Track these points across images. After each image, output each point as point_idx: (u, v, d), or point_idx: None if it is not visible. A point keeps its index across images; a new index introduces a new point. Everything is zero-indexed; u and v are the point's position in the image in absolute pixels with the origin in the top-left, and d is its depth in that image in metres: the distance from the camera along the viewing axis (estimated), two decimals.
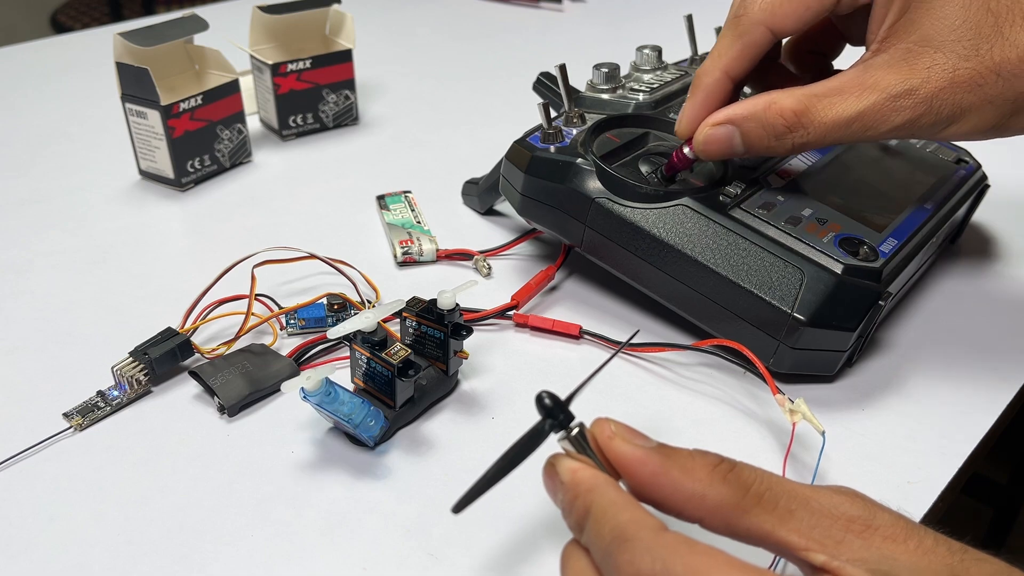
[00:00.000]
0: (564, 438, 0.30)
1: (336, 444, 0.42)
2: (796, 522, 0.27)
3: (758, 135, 0.41)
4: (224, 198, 0.64)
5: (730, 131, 0.42)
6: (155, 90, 0.60)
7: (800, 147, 0.41)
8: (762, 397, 0.44)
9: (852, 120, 0.39)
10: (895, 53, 0.39)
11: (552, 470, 0.30)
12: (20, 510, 0.38)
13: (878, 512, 0.27)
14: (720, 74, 0.43)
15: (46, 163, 0.69)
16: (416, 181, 0.66)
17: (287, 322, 0.49)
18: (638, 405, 0.44)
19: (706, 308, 0.45)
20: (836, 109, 0.39)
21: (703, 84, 0.44)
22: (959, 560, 0.26)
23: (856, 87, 0.39)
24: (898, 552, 0.26)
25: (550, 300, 0.52)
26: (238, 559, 0.36)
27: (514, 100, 0.80)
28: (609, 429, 0.29)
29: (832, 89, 0.40)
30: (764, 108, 0.41)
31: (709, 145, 0.43)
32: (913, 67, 0.39)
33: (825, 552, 0.26)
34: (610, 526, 0.27)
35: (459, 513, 0.29)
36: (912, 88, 0.38)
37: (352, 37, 0.72)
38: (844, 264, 0.43)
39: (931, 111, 0.39)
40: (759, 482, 0.27)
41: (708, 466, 0.28)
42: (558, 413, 0.29)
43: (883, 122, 0.39)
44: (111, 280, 0.54)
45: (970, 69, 0.38)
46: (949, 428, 0.43)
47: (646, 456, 0.28)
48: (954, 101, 0.38)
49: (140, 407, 0.44)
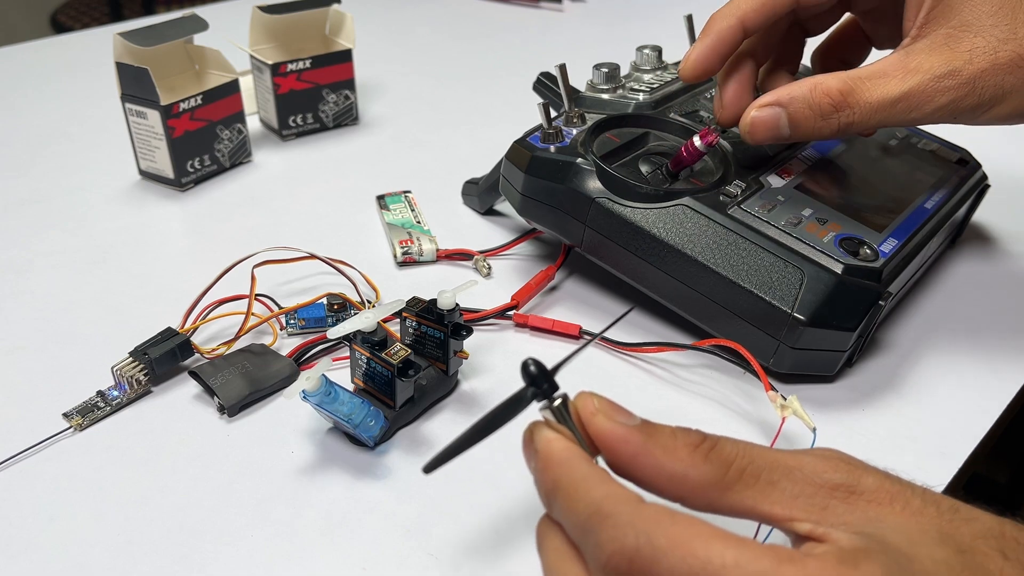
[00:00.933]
0: (546, 407, 0.29)
1: (336, 444, 0.42)
2: (779, 493, 0.27)
3: (805, 115, 0.42)
4: (224, 198, 0.64)
5: (777, 113, 0.42)
6: (155, 90, 0.60)
7: (846, 128, 0.41)
8: (760, 398, 0.44)
9: (897, 100, 0.40)
10: (936, 38, 0.40)
11: (529, 436, 0.29)
12: (20, 510, 0.38)
13: (863, 475, 0.27)
14: (735, 21, 0.43)
15: (46, 163, 0.69)
16: (416, 181, 0.66)
17: (287, 322, 0.49)
18: (637, 405, 0.44)
19: (706, 308, 0.45)
20: (882, 90, 0.40)
21: (716, 28, 0.43)
22: (948, 520, 0.26)
23: (900, 70, 0.40)
24: (884, 514, 0.26)
25: (550, 300, 0.52)
26: (238, 559, 0.36)
27: (514, 100, 0.80)
28: (592, 405, 0.29)
29: (876, 72, 0.41)
30: (810, 89, 0.41)
31: (756, 128, 0.43)
32: (955, 50, 0.40)
33: (810, 520, 0.26)
34: (584, 502, 0.26)
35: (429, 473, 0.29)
36: (956, 69, 0.39)
37: (352, 37, 0.72)
38: (844, 264, 0.43)
39: (974, 92, 0.39)
40: (740, 456, 0.27)
41: (690, 445, 0.27)
42: (542, 381, 0.29)
43: (927, 103, 0.40)
44: (111, 280, 0.54)
45: (1010, 51, 0.39)
46: (949, 428, 0.43)
47: (628, 435, 0.28)
48: (996, 83, 0.39)
49: (140, 407, 0.44)
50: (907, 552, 0.25)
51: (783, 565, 0.24)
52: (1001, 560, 0.25)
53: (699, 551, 0.24)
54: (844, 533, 0.25)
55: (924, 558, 0.25)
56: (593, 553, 0.26)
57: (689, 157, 0.46)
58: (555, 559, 0.28)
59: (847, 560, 0.24)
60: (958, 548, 0.25)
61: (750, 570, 0.24)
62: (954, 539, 0.25)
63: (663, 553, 0.24)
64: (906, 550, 0.25)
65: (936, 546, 0.25)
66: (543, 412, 0.29)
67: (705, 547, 0.24)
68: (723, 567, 0.24)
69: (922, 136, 0.57)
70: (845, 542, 0.25)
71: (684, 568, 0.24)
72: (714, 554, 0.24)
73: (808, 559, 0.24)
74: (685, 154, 0.46)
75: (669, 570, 0.24)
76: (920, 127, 0.58)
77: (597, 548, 0.26)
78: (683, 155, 0.46)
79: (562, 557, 0.27)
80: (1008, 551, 0.25)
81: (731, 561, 0.24)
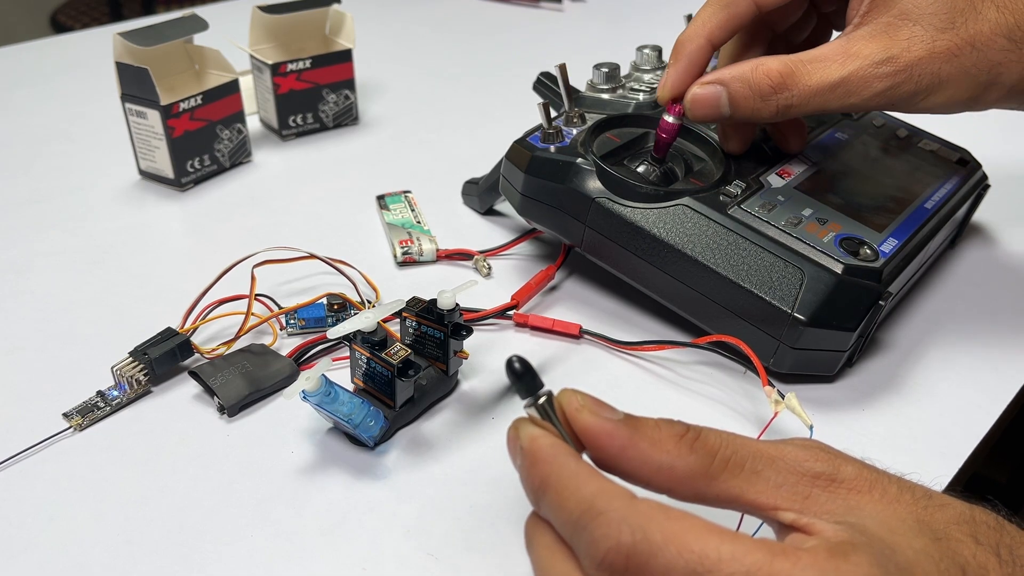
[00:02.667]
0: (531, 405, 0.29)
1: (336, 444, 0.42)
2: (763, 483, 0.27)
3: (744, 95, 0.43)
4: (224, 198, 0.64)
5: (718, 91, 0.43)
6: (155, 90, 0.60)
7: (785, 110, 0.42)
8: (760, 397, 0.44)
9: (836, 84, 0.41)
10: (876, 26, 0.41)
11: (514, 433, 0.29)
12: (20, 510, 0.38)
13: (842, 465, 0.28)
14: (704, 41, 0.44)
15: (46, 163, 0.69)
16: (416, 181, 0.66)
17: (287, 322, 0.49)
18: (636, 403, 0.44)
19: (706, 308, 0.45)
20: (821, 74, 0.41)
21: (686, 50, 0.45)
22: (923, 507, 0.27)
23: (840, 55, 0.41)
24: (863, 502, 0.27)
25: (550, 300, 0.52)
26: (238, 559, 0.36)
27: (514, 100, 0.80)
28: (576, 401, 0.29)
29: (817, 56, 0.42)
30: (751, 69, 0.42)
31: (696, 105, 0.44)
32: (893, 38, 0.41)
33: (793, 509, 0.27)
34: (575, 499, 0.26)
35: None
36: (893, 56, 0.40)
37: (352, 37, 0.72)
38: (844, 264, 0.43)
39: (911, 79, 0.40)
40: (725, 446, 0.28)
41: (675, 436, 0.28)
42: (527, 379, 0.29)
43: (865, 88, 0.41)
44: (111, 280, 0.54)
45: (947, 41, 0.40)
46: (949, 428, 0.43)
47: (613, 429, 0.28)
48: (933, 71, 0.40)
49: (140, 407, 0.44)
50: (889, 542, 0.25)
51: (776, 558, 0.24)
52: (974, 545, 0.26)
53: (694, 545, 0.25)
54: (828, 524, 0.26)
55: (905, 548, 0.25)
56: (587, 550, 0.26)
57: (667, 135, 0.47)
58: (546, 557, 0.28)
59: (837, 553, 0.25)
60: (934, 536, 0.26)
61: (745, 562, 0.24)
62: (930, 527, 0.26)
63: (659, 548, 0.25)
64: (888, 540, 0.26)
65: (914, 535, 0.26)
66: (528, 410, 0.29)
67: (700, 541, 0.25)
68: (719, 560, 0.24)
69: (922, 136, 0.57)
70: (831, 534, 0.26)
71: (681, 562, 0.24)
72: (710, 548, 0.24)
73: (800, 552, 0.25)
74: (663, 135, 0.47)
75: (665, 565, 0.25)
76: (920, 128, 0.58)
77: (591, 545, 0.26)
78: (660, 136, 0.47)
79: (553, 555, 0.28)
80: (980, 536, 0.27)
81: (726, 554, 0.24)
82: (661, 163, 0.48)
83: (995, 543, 0.26)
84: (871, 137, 0.55)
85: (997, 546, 0.26)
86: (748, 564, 0.24)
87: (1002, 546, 0.26)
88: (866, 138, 0.55)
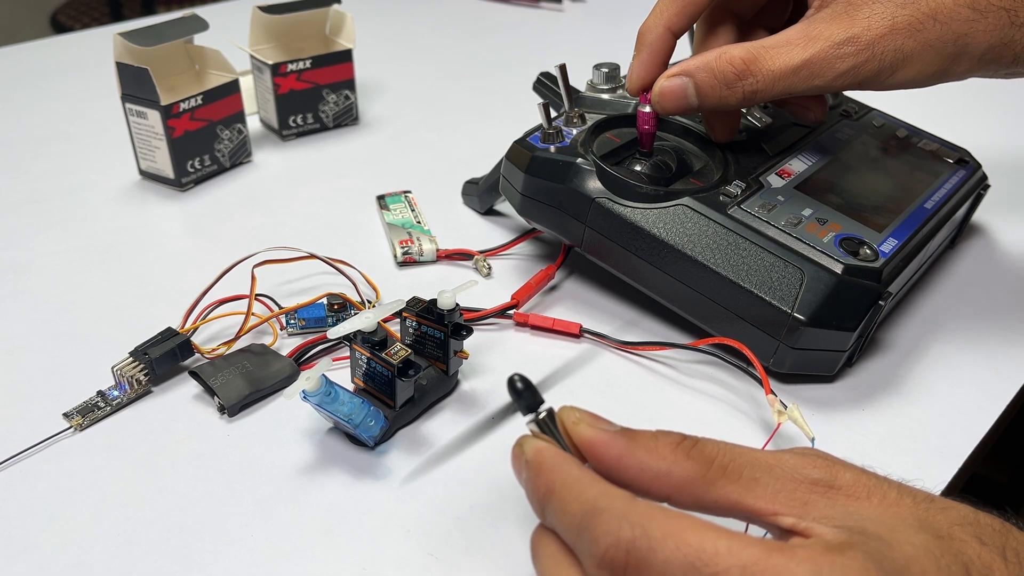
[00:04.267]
0: (532, 420, 0.30)
1: (336, 444, 0.42)
2: (762, 489, 0.27)
3: (710, 84, 0.43)
4: (224, 198, 0.64)
5: (683, 82, 0.44)
6: (155, 90, 0.60)
7: (751, 96, 0.42)
8: (761, 399, 0.44)
9: (799, 67, 0.41)
10: (836, 7, 0.42)
11: (519, 450, 0.30)
12: (20, 510, 0.38)
13: (840, 472, 0.28)
14: (663, 30, 0.45)
15: (46, 163, 0.69)
16: (416, 181, 0.66)
17: (287, 322, 0.49)
18: (637, 405, 0.44)
19: (706, 308, 0.45)
20: (784, 58, 0.41)
21: (647, 41, 0.46)
22: (924, 509, 0.27)
23: (802, 38, 0.41)
24: (862, 508, 0.27)
25: (550, 300, 0.52)
26: (238, 559, 0.36)
27: (514, 100, 0.80)
28: (574, 415, 0.30)
29: (779, 41, 0.42)
30: (715, 58, 0.43)
31: (664, 98, 0.45)
32: (854, 17, 0.41)
33: (792, 514, 0.27)
34: (579, 502, 0.27)
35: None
36: (854, 35, 0.40)
37: (352, 37, 0.72)
38: (844, 264, 0.43)
39: (874, 57, 0.40)
40: (722, 454, 0.28)
41: (671, 444, 0.28)
42: (528, 396, 0.30)
43: (829, 69, 0.41)
44: (111, 280, 0.54)
45: (908, 16, 0.40)
46: (949, 428, 0.43)
47: (611, 439, 0.29)
48: (896, 47, 0.40)
49: (140, 407, 0.44)
50: (887, 538, 0.26)
51: (773, 553, 0.25)
52: (978, 546, 0.26)
53: (692, 540, 0.25)
54: (827, 527, 0.26)
55: (904, 543, 0.25)
56: (589, 549, 0.26)
57: (648, 127, 0.47)
58: (551, 566, 0.28)
59: (833, 549, 0.25)
60: (936, 534, 0.26)
61: (742, 557, 0.24)
62: (931, 526, 0.26)
63: (658, 543, 0.25)
64: (886, 537, 0.26)
65: (914, 532, 0.26)
66: (529, 425, 0.31)
67: (698, 537, 0.25)
68: (716, 555, 0.25)
69: (922, 136, 0.57)
70: (830, 536, 0.26)
71: (679, 557, 0.25)
72: (707, 543, 0.25)
73: (796, 548, 0.25)
74: (644, 127, 0.47)
75: (664, 560, 0.25)
76: (920, 128, 0.58)
77: (592, 543, 0.26)
78: (642, 129, 0.48)
79: (557, 563, 0.28)
80: (984, 537, 0.26)
81: (723, 549, 0.25)
82: (650, 156, 0.48)
83: (1000, 545, 0.26)
84: (871, 137, 0.55)
85: (1003, 548, 0.26)
86: (744, 559, 0.24)
87: (1008, 548, 0.26)
88: (866, 138, 0.55)
